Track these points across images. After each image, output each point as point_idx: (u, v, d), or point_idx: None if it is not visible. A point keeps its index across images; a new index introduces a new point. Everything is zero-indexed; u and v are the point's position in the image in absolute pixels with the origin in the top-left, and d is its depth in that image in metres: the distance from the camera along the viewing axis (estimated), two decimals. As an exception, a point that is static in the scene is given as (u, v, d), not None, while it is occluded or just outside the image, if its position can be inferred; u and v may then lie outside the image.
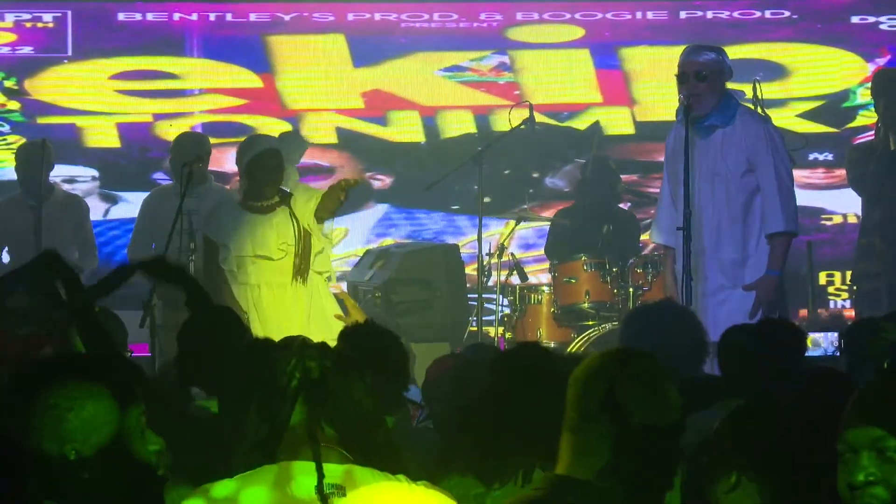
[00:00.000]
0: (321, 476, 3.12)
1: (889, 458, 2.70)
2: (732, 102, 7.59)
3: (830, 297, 11.23)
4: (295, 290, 7.83)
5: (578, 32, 11.52)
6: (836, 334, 5.61)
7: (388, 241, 11.15)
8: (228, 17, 11.52)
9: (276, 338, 3.67)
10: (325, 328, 7.27)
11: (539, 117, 9.86)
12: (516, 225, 9.95)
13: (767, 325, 5.21)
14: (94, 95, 11.41)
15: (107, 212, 11.35)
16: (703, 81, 7.49)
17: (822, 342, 7.03)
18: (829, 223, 11.38)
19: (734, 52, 10.83)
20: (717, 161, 7.49)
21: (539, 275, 10.54)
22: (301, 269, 7.89)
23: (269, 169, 7.90)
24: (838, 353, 5.41)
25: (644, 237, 10.13)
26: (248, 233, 7.90)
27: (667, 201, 7.73)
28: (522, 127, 9.58)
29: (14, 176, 10.14)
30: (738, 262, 7.49)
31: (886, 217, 9.22)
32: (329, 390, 3.26)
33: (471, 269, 9.94)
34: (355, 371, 3.33)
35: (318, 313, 7.83)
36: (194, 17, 11.51)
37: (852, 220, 11.12)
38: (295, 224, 7.90)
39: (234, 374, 4.77)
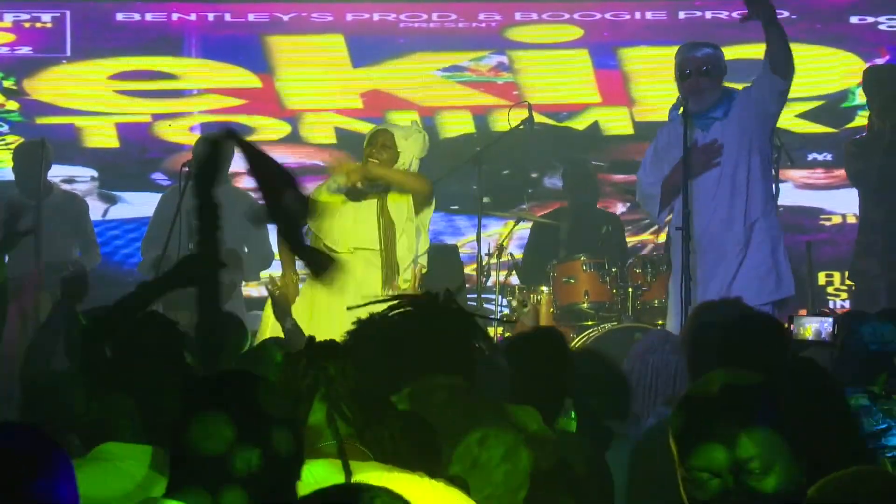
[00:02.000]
0: (348, 472, 3.11)
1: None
2: (730, 95, 7.67)
3: (829, 297, 11.22)
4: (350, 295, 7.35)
5: (577, 32, 11.52)
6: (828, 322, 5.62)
7: (387, 241, 11.13)
8: (227, 17, 11.51)
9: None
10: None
11: (538, 117, 9.85)
12: (515, 225, 9.94)
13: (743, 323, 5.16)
14: (92, 96, 11.41)
15: (106, 212, 11.34)
16: (706, 76, 7.54)
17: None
18: (828, 223, 11.37)
19: (733, 52, 10.80)
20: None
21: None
22: (388, 277, 7.56)
23: (373, 144, 7.73)
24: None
25: (638, 238, 10.16)
26: (326, 217, 7.54)
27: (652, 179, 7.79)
28: (521, 127, 9.58)
29: (13, 176, 10.13)
30: (741, 239, 7.52)
31: (887, 216, 9.22)
32: (346, 388, 3.26)
33: (470, 270, 9.93)
34: (370, 368, 3.33)
35: None
36: (193, 17, 11.50)
37: (851, 220, 11.11)
38: (382, 220, 7.63)
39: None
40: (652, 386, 5.51)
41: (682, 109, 7.58)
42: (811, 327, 5.54)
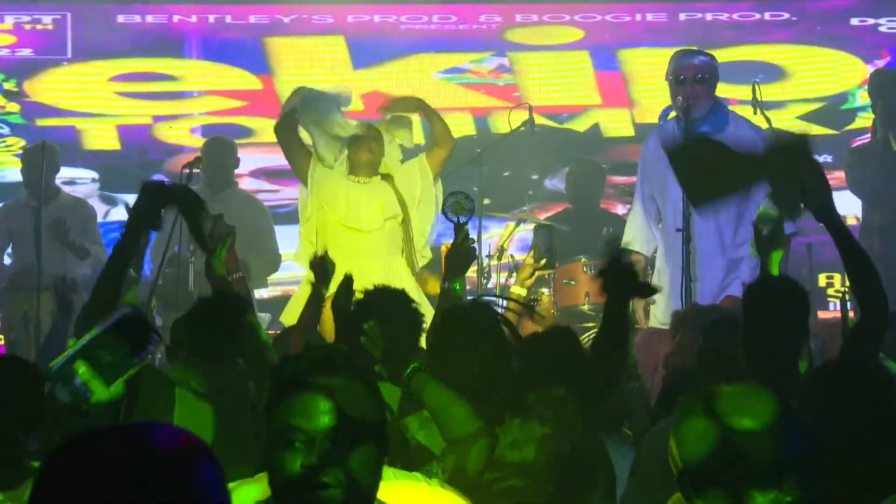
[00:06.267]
0: None
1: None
2: (723, 108, 7.62)
3: (830, 300, 11.22)
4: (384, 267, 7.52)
5: (578, 34, 11.53)
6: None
7: (388, 242, 11.14)
8: (228, 18, 11.53)
9: None
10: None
11: (538, 119, 9.87)
12: (516, 227, 9.95)
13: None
14: (93, 97, 11.42)
15: (107, 214, 11.35)
16: (702, 84, 7.51)
17: None
18: (828, 225, 11.36)
19: (733, 53, 10.84)
20: None
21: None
22: (409, 253, 7.77)
23: (366, 136, 7.91)
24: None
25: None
26: (344, 197, 7.78)
27: (641, 217, 7.72)
28: (522, 129, 9.59)
29: (14, 178, 10.16)
30: (733, 264, 7.48)
31: (886, 220, 9.23)
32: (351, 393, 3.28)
33: (470, 271, 9.92)
34: (374, 373, 3.36)
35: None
36: (193, 18, 11.51)
37: (851, 221, 11.12)
38: (398, 196, 7.78)
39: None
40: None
41: (672, 114, 7.59)
42: None
